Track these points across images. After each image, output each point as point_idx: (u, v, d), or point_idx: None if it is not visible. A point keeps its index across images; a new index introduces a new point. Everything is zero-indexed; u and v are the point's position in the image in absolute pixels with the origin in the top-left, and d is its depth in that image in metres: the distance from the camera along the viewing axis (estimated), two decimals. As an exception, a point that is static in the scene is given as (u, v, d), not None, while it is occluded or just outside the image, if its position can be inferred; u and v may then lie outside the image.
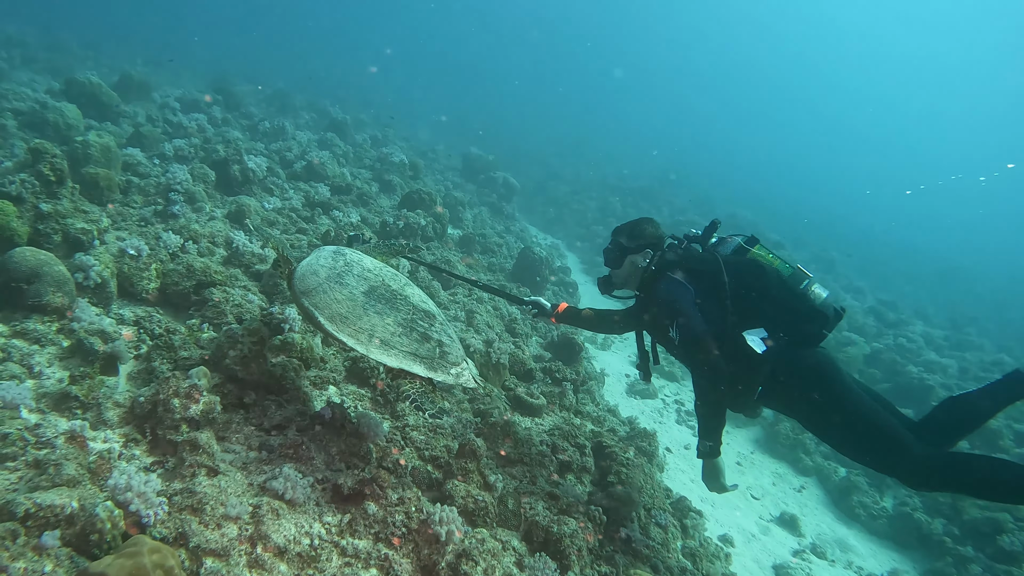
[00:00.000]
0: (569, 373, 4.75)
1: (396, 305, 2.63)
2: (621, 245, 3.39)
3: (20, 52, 10.90)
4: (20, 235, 3.45)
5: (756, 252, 3.12)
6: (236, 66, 18.59)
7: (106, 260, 3.41)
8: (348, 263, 2.74)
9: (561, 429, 4.05)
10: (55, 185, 3.86)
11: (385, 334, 2.52)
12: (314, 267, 2.70)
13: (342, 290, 2.59)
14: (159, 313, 3.43)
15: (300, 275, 2.70)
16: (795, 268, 3.02)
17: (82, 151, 5.08)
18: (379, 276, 2.73)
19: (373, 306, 2.58)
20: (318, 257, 2.80)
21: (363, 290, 2.62)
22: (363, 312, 2.55)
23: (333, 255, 2.80)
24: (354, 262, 2.77)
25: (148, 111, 8.46)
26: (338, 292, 2.58)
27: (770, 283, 2.94)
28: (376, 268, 2.80)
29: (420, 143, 14.23)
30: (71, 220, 3.74)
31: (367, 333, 2.51)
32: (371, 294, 2.62)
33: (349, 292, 2.59)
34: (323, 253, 2.84)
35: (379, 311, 2.57)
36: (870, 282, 13.92)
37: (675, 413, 7.05)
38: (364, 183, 7.65)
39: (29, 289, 2.97)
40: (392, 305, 2.62)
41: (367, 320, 2.53)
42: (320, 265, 2.71)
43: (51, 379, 2.72)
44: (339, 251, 2.87)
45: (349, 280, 2.64)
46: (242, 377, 2.93)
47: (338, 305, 2.55)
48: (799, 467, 6.61)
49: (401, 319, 2.59)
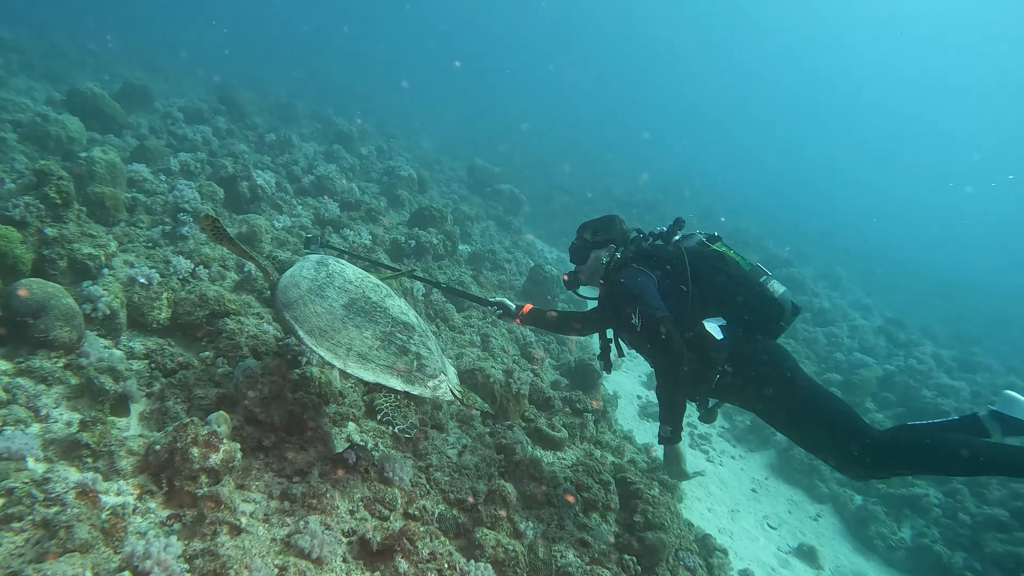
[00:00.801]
0: (589, 403, 4.60)
1: (375, 318, 2.65)
2: (586, 241, 3.48)
3: (17, 57, 10.71)
4: (24, 262, 3.29)
5: (718, 247, 3.19)
6: (236, 69, 18.48)
7: (115, 290, 3.25)
8: (330, 274, 2.74)
9: (585, 465, 3.90)
10: (61, 208, 3.70)
11: (363, 348, 2.54)
12: (296, 279, 2.71)
13: (322, 303, 2.61)
14: (171, 345, 3.26)
15: (283, 286, 2.71)
16: (754, 264, 3.11)
17: (87, 168, 4.91)
18: (359, 288, 2.74)
19: (352, 319, 2.60)
20: (301, 268, 2.80)
21: (343, 303, 2.64)
22: (342, 326, 2.57)
23: (316, 266, 2.80)
24: (336, 273, 2.77)
25: (151, 121, 8.30)
26: (318, 305, 2.61)
27: (731, 274, 3.03)
28: (357, 279, 2.80)
29: (424, 153, 14.11)
30: (77, 245, 3.58)
31: (345, 347, 2.53)
32: (351, 307, 2.64)
33: (329, 305, 2.61)
34: (307, 264, 2.84)
35: (358, 324, 2.60)
36: (876, 299, 13.88)
37: (688, 437, 6.91)
38: (373, 198, 7.51)
39: (35, 324, 2.80)
40: (371, 318, 2.64)
41: (345, 334, 2.55)
42: (302, 276, 2.72)
43: (59, 422, 2.56)
44: (322, 261, 2.85)
45: (329, 292, 2.66)
46: (261, 419, 2.77)
47: (317, 319, 2.57)
48: (814, 494, 6.48)
49: (379, 332, 2.61)
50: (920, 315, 13.75)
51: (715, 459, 6.63)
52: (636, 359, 8.53)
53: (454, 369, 3.19)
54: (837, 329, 10.02)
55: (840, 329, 10.06)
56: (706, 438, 6.97)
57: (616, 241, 3.41)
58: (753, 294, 2.99)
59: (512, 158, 17.26)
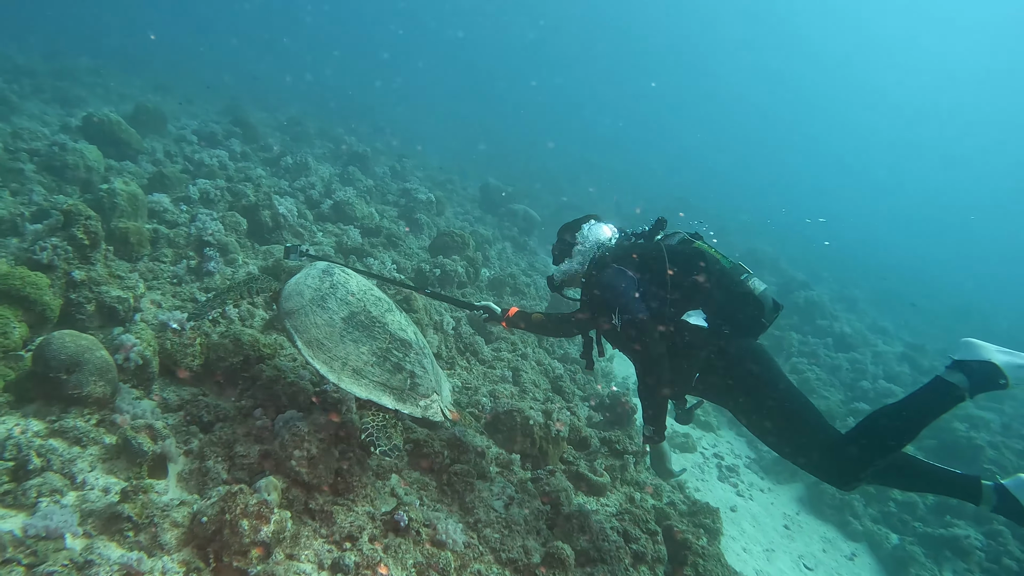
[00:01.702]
0: (629, 444, 4.44)
1: (373, 333, 2.65)
2: (567, 242, 3.45)
3: (29, 81, 10.65)
4: (52, 309, 3.15)
5: (699, 245, 3.11)
6: (244, 86, 18.49)
7: (147, 337, 3.10)
8: (334, 285, 2.75)
9: (631, 512, 3.73)
10: (88, 249, 3.56)
11: (359, 363, 2.54)
12: (300, 287, 2.73)
13: (323, 314, 2.62)
14: (205, 395, 3.11)
15: (286, 294, 2.72)
16: (735, 263, 3.03)
17: (108, 200, 4.80)
18: (361, 301, 2.74)
19: (350, 333, 2.61)
20: (306, 276, 2.81)
21: (343, 315, 2.64)
22: (340, 339, 2.57)
23: (321, 275, 2.80)
24: (340, 284, 2.77)
25: (165, 145, 8.22)
26: (318, 316, 2.61)
27: (711, 271, 2.97)
28: (360, 292, 2.80)
29: (435, 172, 14.02)
30: (105, 288, 3.44)
31: (341, 361, 2.54)
32: (350, 320, 2.64)
33: (329, 317, 2.62)
34: (312, 272, 2.85)
35: (355, 339, 2.60)
36: (893, 321, 13.72)
37: (716, 469, 6.73)
38: (392, 222, 7.39)
39: (69, 380, 2.65)
40: (369, 333, 2.64)
41: (343, 348, 2.56)
42: (306, 286, 2.73)
43: (95, 488, 2.40)
44: (328, 270, 2.86)
45: (331, 304, 2.67)
46: (308, 481, 2.61)
47: (317, 330, 2.58)
48: (848, 531, 6.28)
49: (376, 348, 2.61)
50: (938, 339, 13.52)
51: (744, 493, 6.45)
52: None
53: (449, 386, 3.14)
54: (860, 355, 9.83)
55: (863, 355, 9.87)
56: (734, 470, 6.79)
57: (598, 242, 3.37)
58: (733, 291, 2.92)
59: (521, 174, 17.20)
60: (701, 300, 2.96)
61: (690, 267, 3.01)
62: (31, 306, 3.07)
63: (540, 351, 6.03)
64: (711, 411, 7.83)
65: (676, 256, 3.06)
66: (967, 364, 2.51)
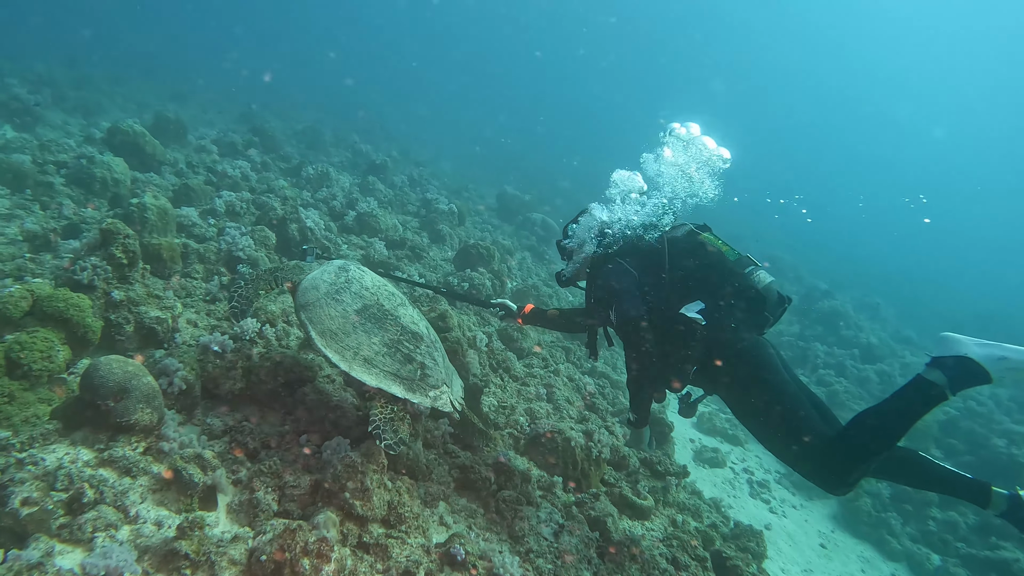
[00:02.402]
0: (671, 465, 4.33)
1: (385, 325, 2.69)
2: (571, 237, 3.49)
3: (51, 91, 10.70)
4: (94, 331, 3.09)
5: (706, 237, 3.07)
6: (257, 93, 18.56)
7: (190, 360, 3.04)
8: (349, 280, 2.81)
9: (679, 538, 3.62)
10: (127, 268, 3.50)
11: (370, 353, 2.58)
12: (316, 281, 2.79)
13: (337, 306, 2.67)
14: (249, 421, 3.04)
15: (303, 288, 2.79)
16: (742, 255, 2.98)
17: (139, 215, 4.76)
18: (375, 295, 2.79)
19: (363, 324, 2.65)
20: (323, 272, 2.88)
21: (356, 308, 2.69)
22: (352, 330, 2.62)
23: (337, 271, 2.86)
24: (355, 279, 2.83)
25: (187, 155, 8.20)
26: (333, 308, 2.66)
27: (711, 262, 2.92)
28: (375, 286, 2.86)
29: (450, 179, 13.97)
30: (144, 308, 3.38)
31: (352, 351, 2.58)
32: (363, 312, 2.68)
33: (343, 309, 2.66)
34: (329, 268, 2.91)
35: (368, 330, 2.64)
36: (916, 330, 13.51)
37: (747, 485, 6.60)
38: (415, 234, 7.32)
39: (117, 407, 2.59)
40: (381, 325, 2.69)
41: (354, 338, 2.60)
42: (322, 280, 2.80)
43: (148, 522, 2.33)
44: (344, 267, 2.92)
45: (345, 297, 2.72)
46: (362, 513, 2.53)
47: (330, 321, 2.62)
48: (886, 550, 6.13)
49: (388, 339, 2.65)
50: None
51: (777, 510, 6.32)
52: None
53: (461, 383, 3.15)
54: (887, 367, 9.63)
55: (891, 367, 9.68)
56: (765, 485, 6.66)
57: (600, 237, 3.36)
58: (734, 284, 2.85)
59: (540, 182, 17.09)
60: (701, 293, 2.91)
61: (690, 259, 2.98)
62: (73, 328, 3.01)
63: (570, 366, 5.93)
64: (738, 424, 7.69)
65: (677, 249, 3.04)
66: (944, 361, 2.43)
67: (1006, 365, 2.32)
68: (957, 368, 2.39)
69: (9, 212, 4.91)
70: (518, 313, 3.80)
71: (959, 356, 2.39)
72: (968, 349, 2.39)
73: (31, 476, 2.23)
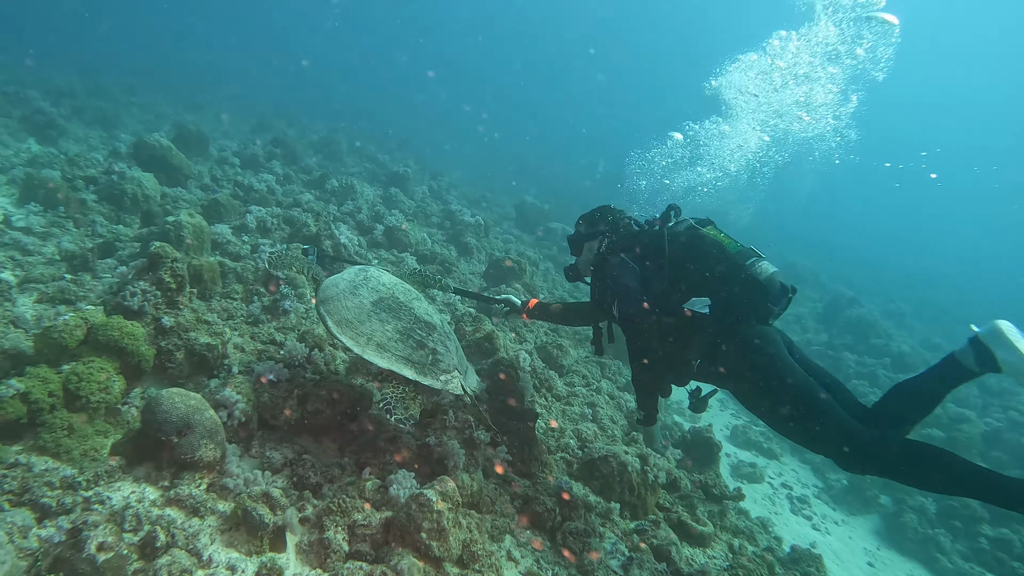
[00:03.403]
0: (726, 488, 4.20)
1: (399, 315, 2.81)
2: (580, 233, 3.54)
3: (69, 102, 10.70)
4: (148, 360, 3.00)
5: (708, 231, 3.09)
6: (268, 101, 18.58)
7: (246, 391, 2.94)
8: (367, 278, 2.95)
9: (745, 568, 3.49)
10: (175, 292, 3.42)
11: (383, 339, 2.70)
12: (336, 280, 2.94)
13: (353, 299, 2.80)
14: (308, 453, 2.94)
15: (324, 286, 2.93)
16: (745, 247, 2.98)
17: (175, 234, 4.69)
18: (390, 290, 2.92)
19: (377, 314, 2.77)
20: (343, 273, 3.03)
21: (372, 300, 2.82)
22: (367, 319, 2.74)
23: (356, 271, 3.02)
24: (373, 277, 2.97)
25: (211, 168, 8.15)
26: (349, 301, 2.79)
27: (710, 254, 2.95)
28: (391, 284, 2.99)
29: (467, 189, 13.88)
30: (194, 334, 3.29)
31: (366, 337, 2.69)
32: (379, 304, 2.82)
33: (359, 301, 2.80)
34: (350, 269, 3.07)
35: (382, 319, 2.76)
36: (943, 337, 13.30)
37: (787, 501, 6.45)
38: (443, 247, 7.23)
39: (181, 443, 2.49)
40: (395, 314, 2.81)
41: (369, 326, 2.72)
42: (342, 279, 2.95)
43: (221, 565, 2.23)
44: (364, 268, 3.08)
45: (362, 292, 2.85)
46: (439, 554, 2.42)
47: (346, 311, 2.75)
48: (936, 569, 5.95)
49: (401, 327, 2.77)
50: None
51: (820, 526, 6.16)
52: (722, 416, 8.12)
53: (477, 378, 3.24)
54: (920, 374, 9.37)
55: (924, 375, 9.41)
56: (805, 501, 6.50)
57: (607, 232, 3.40)
58: (736, 276, 2.86)
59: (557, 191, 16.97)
60: (702, 285, 2.94)
61: (688, 252, 3.01)
62: (128, 358, 2.92)
63: (607, 382, 5.81)
64: (772, 437, 7.56)
65: (678, 242, 3.07)
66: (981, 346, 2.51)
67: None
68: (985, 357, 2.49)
69: (45, 231, 4.85)
70: (523, 308, 3.85)
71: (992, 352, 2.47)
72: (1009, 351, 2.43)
73: (102, 518, 2.13)
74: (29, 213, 5.09)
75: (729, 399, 8.60)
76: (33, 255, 4.44)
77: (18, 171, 6.14)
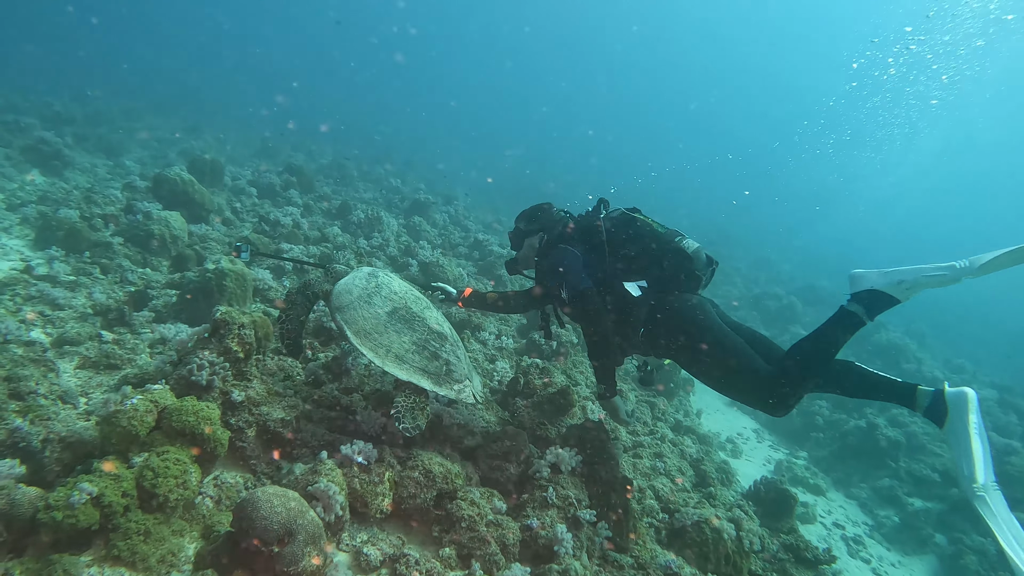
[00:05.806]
0: (819, 552, 3.96)
1: (414, 326, 2.93)
2: (520, 230, 3.81)
3: (71, 130, 10.33)
4: (223, 444, 2.69)
5: (638, 216, 3.43)
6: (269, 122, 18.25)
7: (339, 480, 2.64)
8: (378, 285, 3.03)
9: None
10: (243, 362, 3.12)
11: (400, 350, 2.82)
12: (349, 287, 3.02)
13: (369, 309, 2.91)
14: (409, 547, 2.64)
15: (337, 292, 3.02)
16: (670, 229, 3.34)
17: (216, 282, 4.39)
18: (403, 299, 3.02)
19: (394, 325, 2.89)
20: (354, 278, 3.11)
21: (387, 311, 2.93)
22: (384, 330, 2.86)
23: (367, 277, 3.10)
24: (384, 284, 3.06)
25: (229, 199, 7.84)
26: (365, 311, 2.90)
27: (643, 234, 3.31)
28: (402, 291, 3.09)
29: (481, 214, 13.62)
30: (266, 409, 2.99)
31: (385, 348, 2.81)
32: (393, 315, 2.92)
33: (375, 311, 2.91)
34: (359, 274, 3.14)
35: (398, 330, 2.88)
36: (966, 358, 13.23)
37: (842, 543, 6.23)
38: (477, 280, 6.96)
39: (283, 553, 2.19)
40: (410, 326, 2.92)
41: (387, 337, 2.84)
42: (354, 285, 3.03)
43: None
44: (373, 273, 3.14)
45: (376, 301, 2.95)
46: None
47: (364, 322, 2.86)
48: (1003, 612, 5.77)
49: (416, 339, 2.89)
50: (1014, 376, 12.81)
51: (879, 569, 5.94)
52: (759, 447, 7.91)
53: (481, 379, 3.41)
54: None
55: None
56: (860, 542, 6.29)
57: (546, 227, 3.68)
58: (667, 251, 3.22)
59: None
60: (638, 261, 3.29)
61: (623, 233, 3.35)
62: (203, 443, 2.62)
63: (661, 424, 5.56)
64: (818, 472, 7.36)
65: (612, 227, 3.40)
66: (859, 295, 2.84)
67: (905, 286, 2.72)
68: (869, 299, 2.80)
69: (73, 280, 4.51)
70: (458, 297, 4.04)
71: (869, 289, 2.80)
72: (874, 282, 2.80)
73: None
74: (51, 259, 4.75)
75: (765, 429, 8.41)
76: (64, 308, 4.11)
77: (31, 209, 5.80)
